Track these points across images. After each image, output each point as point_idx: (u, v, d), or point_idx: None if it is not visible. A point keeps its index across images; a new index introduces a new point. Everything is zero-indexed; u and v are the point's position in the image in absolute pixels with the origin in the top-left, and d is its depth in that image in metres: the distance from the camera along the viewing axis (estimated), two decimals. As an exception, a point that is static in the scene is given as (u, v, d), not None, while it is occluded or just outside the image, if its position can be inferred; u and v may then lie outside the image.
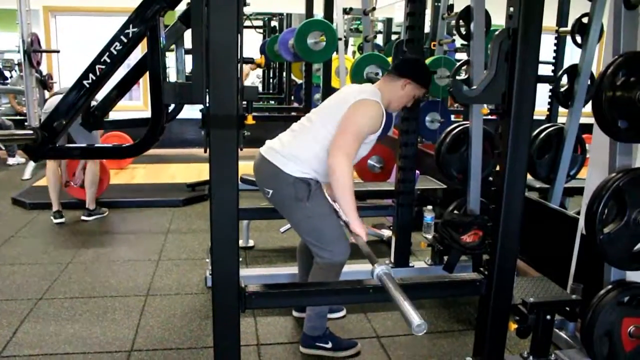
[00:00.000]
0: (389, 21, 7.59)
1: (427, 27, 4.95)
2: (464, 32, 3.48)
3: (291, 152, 2.40)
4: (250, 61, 4.14)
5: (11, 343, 2.62)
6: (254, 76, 10.10)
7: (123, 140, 6.15)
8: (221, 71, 1.69)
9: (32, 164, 6.24)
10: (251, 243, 4.05)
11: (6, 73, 8.89)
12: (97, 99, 2.66)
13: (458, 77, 3.64)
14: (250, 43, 8.23)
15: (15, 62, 8.27)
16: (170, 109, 3.14)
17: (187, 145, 7.84)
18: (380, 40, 7.51)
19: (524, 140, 2.00)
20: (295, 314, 2.92)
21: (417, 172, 3.79)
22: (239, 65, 1.72)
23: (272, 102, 8.52)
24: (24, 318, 2.87)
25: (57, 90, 5.45)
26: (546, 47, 3.88)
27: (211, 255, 1.86)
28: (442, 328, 2.87)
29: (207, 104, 1.73)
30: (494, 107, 2.07)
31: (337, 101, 2.46)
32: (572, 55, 4.35)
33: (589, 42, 3.23)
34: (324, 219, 2.43)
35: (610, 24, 2.13)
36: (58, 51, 6.79)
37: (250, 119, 1.79)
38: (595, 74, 3.35)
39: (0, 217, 4.69)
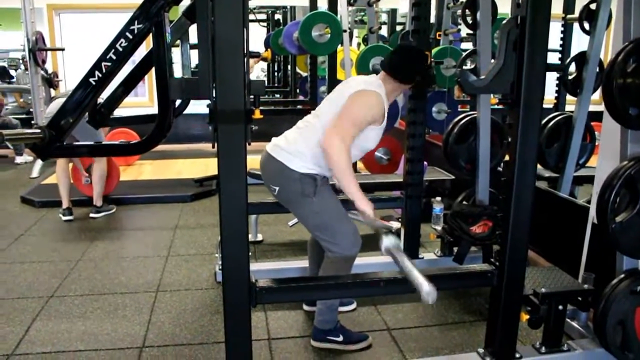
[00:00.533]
0: (393, 12, 7.56)
1: (432, 17, 4.93)
2: (470, 22, 3.45)
3: (296, 148, 2.39)
4: (257, 55, 4.12)
5: (24, 341, 2.63)
6: (258, 70, 10.09)
7: (129, 137, 6.16)
8: (227, 66, 1.68)
9: (40, 162, 6.27)
10: (260, 237, 4.05)
11: (12, 72, 8.90)
12: (102, 97, 2.65)
13: (464, 67, 3.62)
14: (254, 36, 8.20)
15: (21, 60, 8.27)
16: (177, 105, 3.14)
17: (193, 141, 7.85)
18: (385, 31, 7.48)
19: (533, 130, 1.98)
20: (306, 307, 2.92)
21: (425, 163, 3.77)
22: (245, 60, 1.71)
23: (278, 96, 8.50)
24: (36, 316, 2.88)
25: (60, 93, 5.46)
26: (553, 35, 3.85)
27: (221, 251, 1.86)
28: (453, 319, 2.87)
29: (214, 99, 1.72)
30: (502, 96, 2.06)
31: (339, 94, 2.45)
32: (579, 42, 4.31)
33: (597, 29, 3.20)
34: (332, 213, 2.42)
35: (619, 10, 2.11)
36: (63, 49, 6.78)
37: (257, 114, 1.79)
38: (603, 61, 3.31)
39: (10, 216, 4.71)
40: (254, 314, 2.77)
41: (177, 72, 2.33)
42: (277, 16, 8.46)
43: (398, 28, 7.44)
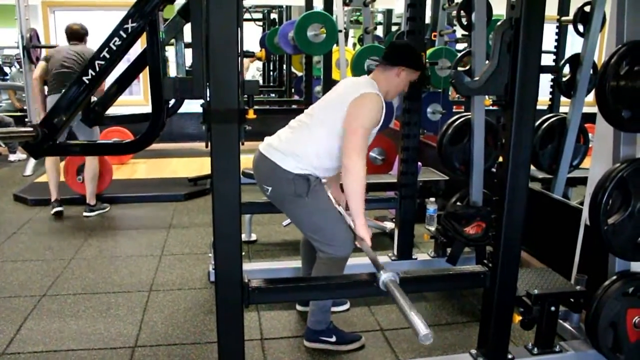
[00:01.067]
0: (389, 12, 7.56)
1: (427, 18, 4.94)
2: (465, 23, 3.46)
3: (289, 148, 2.39)
4: (251, 55, 4.12)
5: (15, 340, 2.62)
6: (254, 69, 10.07)
7: (124, 136, 6.14)
8: (221, 65, 1.68)
9: (34, 160, 6.23)
10: (254, 237, 4.04)
11: (6, 69, 8.86)
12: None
13: (459, 68, 3.62)
14: (250, 36, 8.20)
15: (15, 58, 8.23)
16: (171, 104, 3.13)
17: (188, 140, 7.83)
18: (380, 31, 7.48)
19: (527, 132, 1.98)
20: (299, 307, 2.92)
21: (419, 163, 3.78)
22: (239, 60, 1.71)
23: (273, 95, 8.49)
24: (28, 315, 2.87)
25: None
26: (547, 37, 3.87)
27: (214, 251, 1.86)
28: (446, 320, 2.87)
29: (208, 99, 1.72)
30: (496, 98, 2.06)
31: (335, 97, 2.45)
32: (573, 44, 4.32)
33: (592, 31, 3.21)
34: (325, 214, 2.42)
35: (613, 13, 2.11)
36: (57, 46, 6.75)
37: (251, 114, 1.78)
38: (597, 63, 3.33)
39: (2, 214, 4.69)
40: (247, 313, 2.77)
41: (172, 71, 2.33)
42: (273, 15, 8.46)
43: (394, 28, 7.44)
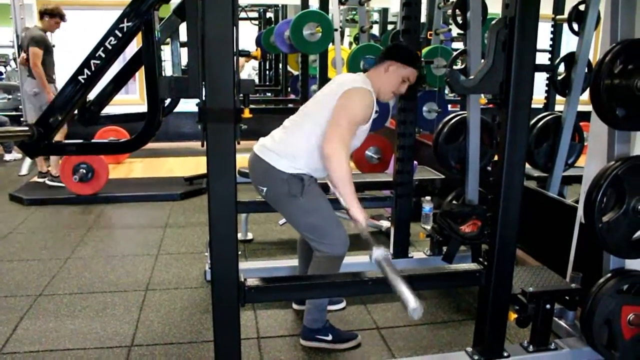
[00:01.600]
0: (384, 11, 7.56)
1: (423, 17, 4.94)
2: (460, 22, 3.46)
3: (283, 149, 2.39)
4: (246, 54, 4.12)
5: (11, 339, 2.62)
6: (249, 68, 10.07)
7: (120, 135, 6.14)
8: (217, 65, 1.68)
9: (29, 160, 6.22)
10: (250, 236, 4.04)
11: (1, 69, 8.83)
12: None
13: (455, 67, 3.63)
14: (246, 35, 8.19)
15: (10, 57, 8.21)
16: (167, 103, 3.12)
17: (184, 139, 7.83)
18: (376, 30, 7.48)
19: (522, 130, 1.99)
20: (295, 306, 2.92)
21: (415, 162, 3.79)
22: (235, 59, 1.71)
23: (269, 94, 8.49)
24: (24, 314, 2.86)
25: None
26: (543, 35, 3.87)
27: (210, 250, 1.86)
28: (442, 318, 2.88)
29: (204, 98, 1.72)
30: (491, 96, 2.07)
31: (327, 93, 2.44)
32: (568, 42, 4.34)
33: (586, 30, 3.22)
34: (320, 213, 2.42)
35: (607, 11, 2.12)
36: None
37: (247, 113, 1.79)
38: (592, 62, 3.34)
39: (-2, 214, 4.68)
40: (243, 312, 2.78)
41: (169, 70, 2.32)
42: (269, 14, 8.45)
43: (389, 27, 7.44)
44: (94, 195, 4.96)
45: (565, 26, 3.50)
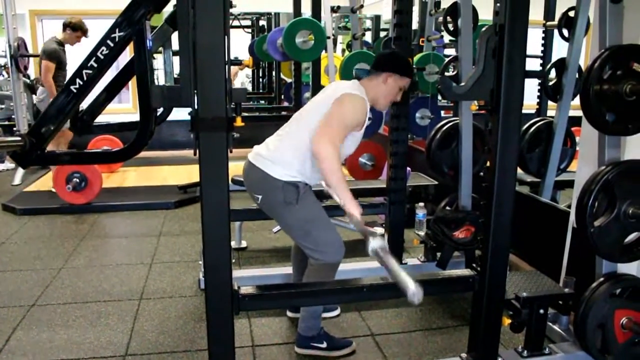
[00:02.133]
0: (377, 18, 7.60)
1: (415, 24, 4.97)
2: (451, 29, 3.49)
3: (277, 156, 2.39)
4: (238, 63, 4.13)
5: (4, 351, 2.60)
6: (243, 76, 10.08)
7: (113, 144, 6.13)
8: (209, 74, 1.69)
9: (22, 170, 6.20)
10: (244, 244, 4.04)
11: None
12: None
13: (447, 74, 3.65)
14: (239, 43, 8.21)
15: (2, 67, 8.19)
16: (159, 112, 3.12)
17: (177, 147, 7.82)
18: (369, 37, 7.51)
19: (513, 136, 2.00)
20: (290, 314, 2.92)
21: (409, 169, 3.80)
22: (226, 68, 1.72)
23: (262, 102, 8.50)
24: (17, 325, 2.85)
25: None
26: (535, 41, 3.90)
27: (203, 259, 1.86)
28: (436, 324, 2.88)
29: (196, 107, 1.72)
30: (482, 102, 2.08)
31: (320, 101, 2.45)
32: (559, 48, 4.37)
33: (576, 36, 3.25)
34: (315, 221, 2.43)
35: (595, 18, 2.14)
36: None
37: (239, 121, 1.79)
38: (583, 67, 3.36)
39: (-9, 224, 4.66)
40: (237, 320, 2.77)
41: (162, 79, 2.33)
42: (262, 22, 8.48)
43: (382, 34, 7.48)
44: (87, 204, 4.95)
45: (557, 32, 3.53)
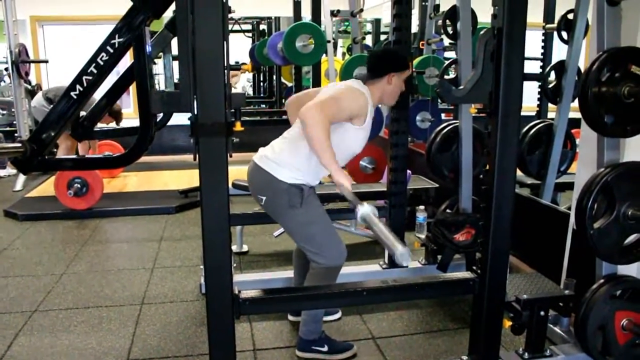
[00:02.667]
0: (377, 22, 7.61)
1: (415, 27, 4.98)
2: (451, 32, 3.49)
3: (283, 158, 2.40)
4: (237, 68, 4.14)
5: (6, 357, 2.61)
6: (244, 80, 10.10)
7: (115, 149, 6.14)
8: (208, 79, 1.70)
9: (23, 175, 6.21)
10: (245, 248, 4.04)
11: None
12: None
13: (446, 77, 3.66)
14: (240, 47, 8.23)
15: (4, 72, 8.22)
16: (160, 117, 3.13)
17: (178, 152, 7.83)
18: (369, 40, 7.52)
19: (512, 139, 2.01)
20: (291, 317, 2.92)
21: (409, 172, 3.80)
22: (226, 73, 1.72)
23: (263, 106, 8.52)
24: (19, 331, 2.85)
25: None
26: (535, 43, 3.90)
27: (204, 263, 1.87)
28: (438, 327, 2.88)
29: (195, 112, 1.73)
30: (482, 105, 2.09)
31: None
32: (559, 50, 4.37)
33: (575, 38, 3.26)
34: (318, 224, 2.43)
35: (594, 21, 2.15)
36: (46, 61, 6.77)
37: (238, 126, 1.80)
38: (582, 70, 3.37)
39: (-7, 230, 4.67)
40: (239, 324, 2.78)
41: (162, 84, 2.34)
42: (262, 27, 8.49)
43: (382, 37, 7.49)
44: (88, 209, 4.96)
45: (556, 34, 3.54)
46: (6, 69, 7.20)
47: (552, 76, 3.53)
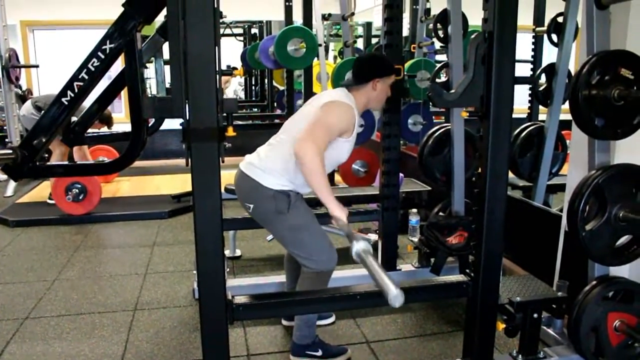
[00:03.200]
0: (368, 25, 7.62)
1: (406, 30, 4.99)
2: (442, 35, 3.51)
3: (269, 165, 2.40)
4: (229, 73, 4.14)
5: (-2, 364, 2.59)
6: (235, 84, 10.09)
7: (110, 154, 6.13)
8: (200, 84, 1.69)
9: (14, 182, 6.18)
10: (238, 253, 4.04)
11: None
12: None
13: (438, 80, 3.67)
14: (231, 51, 8.23)
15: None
16: (151, 123, 3.12)
17: (171, 157, 7.82)
18: (360, 44, 7.54)
19: (503, 142, 2.01)
20: (285, 322, 2.92)
21: (402, 175, 3.81)
22: (217, 78, 1.72)
23: (255, 110, 8.52)
24: (10, 339, 2.83)
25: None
26: (526, 46, 3.93)
27: (197, 268, 1.86)
28: (432, 330, 2.89)
29: (187, 118, 1.73)
30: (473, 109, 2.09)
31: (310, 110, 2.46)
32: (550, 53, 4.40)
33: (565, 41, 3.27)
34: (307, 229, 2.43)
35: (584, 24, 2.16)
36: (37, 66, 6.73)
37: (230, 131, 1.79)
38: (572, 72, 3.39)
39: (-16, 236, 4.64)
40: (232, 329, 2.77)
41: (154, 89, 2.33)
42: (254, 30, 8.50)
43: (373, 41, 7.50)
44: (82, 215, 4.93)
45: (546, 37, 3.56)
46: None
47: (543, 79, 3.55)
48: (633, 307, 2.20)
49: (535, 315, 2.29)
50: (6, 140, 5.32)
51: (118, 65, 2.89)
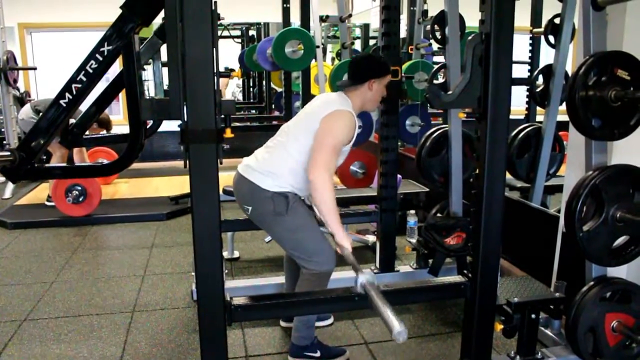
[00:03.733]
0: (366, 27, 7.64)
1: (403, 32, 5.01)
2: (439, 37, 3.51)
3: (267, 168, 2.41)
4: (227, 75, 4.14)
5: (-4, 367, 2.59)
6: (234, 85, 10.10)
7: (109, 156, 6.14)
8: (198, 86, 1.70)
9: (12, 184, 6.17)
10: (236, 254, 4.03)
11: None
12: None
13: (435, 81, 3.67)
14: (229, 53, 8.24)
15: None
16: (149, 125, 3.12)
17: (169, 158, 7.82)
18: (358, 45, 7.55)
19: (501, 143, 2.02)
20: (283, 323, 2.92)
21: (399, 176, 3.81)
22: (215, 79, 1.72)
23: (253, 111, 8.52)
24: (8, 340, 2.83)
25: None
26: (523, 47, 3.94)
27: (195, 270, 1.86)
28: (430, 331, 2.89)
29: (185, 119, 1.73)
30: (471, 110, 2.10)
31: (309, 113, 2.48)
32: (547, 54, 4.41)
33: (562, 42, 3.29)
34: (306, 230, 2.44)
35: (580, 25, 2.17)
36: (35, 68, 6.72)
37: (228, 133, 1.80)
38: (570, 73, 3.40)
39: (-18, 239, 4.63)
40: (231, 331, 2.77)
41: (152, 91, 2.33)
42: (251, 32, 8.51)
43: (371, 42, 7.52)
44: (80, 217, 4.93)
45: (543, 39, 3.57)
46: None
47: (540, 80, 3.56)
48: (630, 308, 2.21)
49: (533, 315, 2.29)
50: (4, 142, 5.33)
51: (116, 68, 2.90)
